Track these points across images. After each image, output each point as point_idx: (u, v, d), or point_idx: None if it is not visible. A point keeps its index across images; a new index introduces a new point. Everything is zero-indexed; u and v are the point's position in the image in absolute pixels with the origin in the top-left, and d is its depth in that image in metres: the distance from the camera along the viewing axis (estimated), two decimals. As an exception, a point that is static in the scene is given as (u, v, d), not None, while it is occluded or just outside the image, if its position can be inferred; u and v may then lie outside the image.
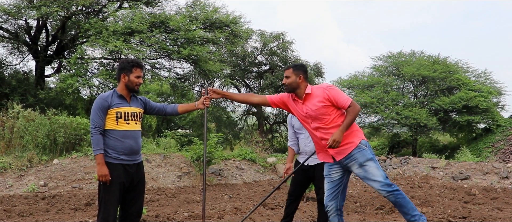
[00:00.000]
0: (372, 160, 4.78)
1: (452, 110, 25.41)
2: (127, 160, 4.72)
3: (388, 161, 16.57)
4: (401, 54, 29.37)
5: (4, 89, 18.23)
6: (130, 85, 4.78)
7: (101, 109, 4.65)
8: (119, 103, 4.73)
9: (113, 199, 4.64)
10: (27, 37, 20.17)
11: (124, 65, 4.82)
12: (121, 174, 4.67)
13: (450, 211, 8.10)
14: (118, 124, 4.70)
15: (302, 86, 4.95)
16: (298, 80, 4.94)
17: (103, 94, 4.79)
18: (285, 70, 5.05)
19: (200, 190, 11.59)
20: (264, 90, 24.05)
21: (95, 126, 4.62)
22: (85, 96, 19.22)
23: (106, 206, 4.63)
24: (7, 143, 13.24)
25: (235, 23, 20.86)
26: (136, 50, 17.20)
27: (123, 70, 4.79)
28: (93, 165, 12.31)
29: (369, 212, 8.53)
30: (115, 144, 4.67)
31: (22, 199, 9.58)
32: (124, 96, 4.80)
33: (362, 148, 4.79)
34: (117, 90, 4.81)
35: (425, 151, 23.90)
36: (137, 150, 4.82)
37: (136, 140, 4.79)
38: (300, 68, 5.00)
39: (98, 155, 4.59)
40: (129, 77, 4.76)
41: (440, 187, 11.94)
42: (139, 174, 4.87)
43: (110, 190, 4.62)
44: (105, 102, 4.66)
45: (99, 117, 4.63)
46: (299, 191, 6.00)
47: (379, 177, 4.70)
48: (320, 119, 4.83)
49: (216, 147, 13.04)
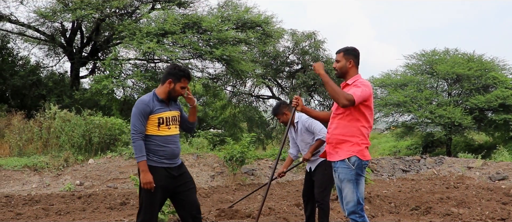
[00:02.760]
0: (351, 181, 4.57)
1: (488, 108, 24.99)
2: (169, 164, 4.67)
3: (422, 160, 16.38)
4: (435, 52, 29.00)
5: (41, 91, 18.60)
6: (173, 93, 4.69)
7: (143, 115, 4.57)
8: (160, 108, 4.65)
9: (153, 202, 4.59)
10: (63, 39, 20.56)
11: (174, 71, 4.70)
12: (163, 177, 4.61)
13: (488, 213, 7.94)
14: (160, 130, 4.65)
15: (351, 72, 4.75)
16: (348, 65, 4.73)
17: (143, 98, 4.68)
18: (336, 54, 4.84)
19: (233, 190, 11.62)
20: (296, 89, 23.96)
21: (137, 131, 4.55)
22: (119, 97, 19.46)
23: (146, 208, 4.60)
24: (44, 143, 13.51)
25: (267, 23, 20.84)
26: (169, 51, 17.34)
27: (172, 76, 4.69)
28: (128, 164, 12.46)
29: (404, 213, 8.43)
30: (156, 149, 4.61)
31: (59, 198, 9.75)
32: (164, 100, 4.70)
33: (347, 166, 4.59)
34: (157, 93, 4.71)
35: (460, 151, 23.57)
36: (178, 153, 4.76)
37: (177, 144, 4.74)
38: (351, 53, 4.77)
39: (141, 162, 4.52)
40: (175, 85, 4.67)
41: (476, 187, 11.72)
42: (182, 174, 4.80)
43: (151, 193, 4.56)
44: (147, 108, 4.58)
45: (140, 123, 4.56)
46: (309, 192, 6.30)
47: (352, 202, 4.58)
48: (338, 113, 4.71)
49: (249, 147, 13.06)
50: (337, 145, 4.66)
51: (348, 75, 4.75)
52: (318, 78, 23.45)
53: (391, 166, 15.80)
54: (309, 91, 24.94)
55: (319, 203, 6.02)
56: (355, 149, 4.56)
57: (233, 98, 25.98)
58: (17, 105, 17.49)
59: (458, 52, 28.66)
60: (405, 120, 28.55)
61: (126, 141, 13.97)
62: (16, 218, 7.67)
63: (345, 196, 4.59)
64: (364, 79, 4.74)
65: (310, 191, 6.29)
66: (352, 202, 4.55)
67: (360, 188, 4.58)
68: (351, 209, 4.56)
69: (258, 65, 22.92)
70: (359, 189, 4.57)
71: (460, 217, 7.67)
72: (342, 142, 4.62)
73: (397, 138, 30.91)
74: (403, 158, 16.91)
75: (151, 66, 20.47)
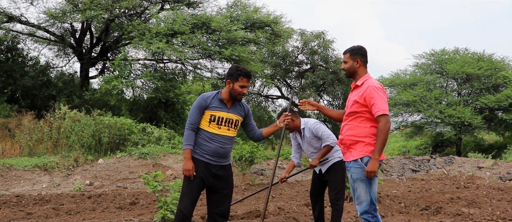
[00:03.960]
0: (364, 181, 4.54)
1: (498, 108, 24.86)
2: (210, 160, 4.82)
3: (432, 160, 16.32)
4: (444, 51, 28.87)
5: (51, 91, 18.69)
6: (233, 93, 4.83)
7: (199, 108, 4.81)
8: (217, 106, 4.83)
9: (190, 192, 4.80)
10: (72, 40, 20.62)
11: (232, 72, 4.85)
12: (202, 169, 4.79)
13: (499, 213, 7.90)
14: (210, 126, 4.82)
15: (360, 72, 4.73)
16: (356, 65, 4.71)
17: (205, 93, 4.91)
18: (343, 55, 4.83)
19: (243, 190, 11.62)
20: (305, 89, 23.93)
21: (190, 122, 4.80)
22: (128, 97, 19.50)
23: (183, 198, 4.83)
24: (54, 143, 13.58)
25: (276, 23, 20.80)
26: (179, 51, 17.37)
27: (230, 76, 4.85)
28: (137, 164, 12.51)
29: (414, 213, 8.39)
30: (201, 143, 4.81)
31: (69, 198, 9.79)
32: (225, 101, 4.88)
33: (360, 165, 4.56)
34: (221, 93, 4.90)
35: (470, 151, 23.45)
36: (223, 153, 4.87)
37: (223, 145, 4.85)
38: (357, 52, 4.74)
39: (186, 150, 4.77)
40: (233, 84, 4.80)
41: (487, 187, 11.66)
42: (224, 176, 4.93)
43: (189, 183, 4.79)
44: (204, 102, 4.81)
45: (195, 115, 4.80)
46: (317, 193, 6.35)
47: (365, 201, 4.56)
48: (350, 113, 4.68)
49: (258, 147, 13.06)
50: (351, 146, 4.64)
51: (357, 75, 4.72)
52: (327, 78, 23.42)
53: (400, 166, 15.76)
54: (318, 91, 24.90)
55: (333, 204, 6.03)
56: (368, 149, 4.54)
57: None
58: (27, 105, 17.56)
59: (468, 52, 28.52)
60: (414, 120, 28.44)
61: (136, 141, 14.01)
62: (26, 218, 7.71)
63: (358, 196, 4.58)
64: (373, 79, 4.72)
65: (319, 191, 6.32)
66: (365, 201, 4.54)
67: (373, 188, 4.56)
68: (364, 209, 4.54)
69: (267, 65, 22.90)
70: (372, 189, 4.55)
71: (470, 217, 7.63)
72: (355, 143, 4.61)
73: (407, 138, 30.81)
74: (412, 158, 16.85)
75: (161, 66, 20.49)
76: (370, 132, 4.56)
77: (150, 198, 9.56)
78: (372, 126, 4.56)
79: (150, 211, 8.22)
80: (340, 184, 6.05)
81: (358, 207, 4.60)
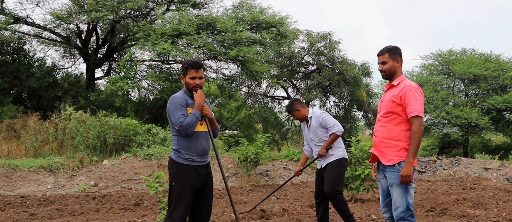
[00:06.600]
0: (401, 187, 4.45)
1: (506, 109, 24.74)
2: (199, 161, 4.69)
3: (438, 161, 16.23)
4: (451, 52, 28.78)
5: (57, 92, 18.72)
6: (188, 86, 4.72)
7: (182, 106, 4.60)
8: (192, 102, 4.70)
9: (183, 201, 4.58)
10: (78, 41, 20.67)
11: (182, 67, 4.81)
12: (193, 176, 4.64)
13: (505, 214, 7.83)
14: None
15: (398, 72, 4.63)
16: (396, 64, 4.61)
17: (175, 95, 4.75)
18: (380, 56, 4.66)
19: (248, 190, 11.61)
20: (311, 90, 23.87)
21: (182, 114, 4.55)
22: (134, 98, 19.54)
23: (176, 207, 4.58)
24: (59, 144, 13.60)
25: (282, 23, 20.77)
26: (184, 52, 17.36)
27: (182, 72, 4.79)
28: (142, 165, 12.51)
29: (419, 214, 8.33)
30: (190, 144, 4.63)
31: (74, 199, 9.80)
32: (190, 95, 4.75)
33: (397, 170, 4.46)
34: (184, 91, 4.79)
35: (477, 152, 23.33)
36: (207, 150, 4.78)
37: (207, 141, 4.76)
38: (396, 51, 4.63)
39: (195, 112, 4.58)
40: (185, 78, 4.72)
41: (493, 189, 11.58)
42: (208, 174, 4.82)
43: (181, 192, 4.59)
44: (183, 100, 4.63)
45: (183, 111, 4.57)
46: (321, 193, 6.33)
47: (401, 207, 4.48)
48: (385, 114, 4.60)
49: (264, 148, 13.02)
50: (386, 148, 4.56)
51: (396, 75, 4.64)
52: (333, 79, 23.36)
53: (406, 167, 15.66)
54: (324, 92, 24.84)
55: (331, 198, 6.08)
56: (404, 154, 4.45)
57: (248, 99, 25.94)
58: (33, 106, 17.62)
59: (475, 52, 28.45)
60: (421, 121, 28.34)
61: (141, 142, 14.01)
62: (30, 219, 7.72)
63: (394, 202, 4.50)
64: (409, 80, 4.65)
65: (323, 193, 6.30)
66: (401, 207, 4.45)
67: (409, 194, 4.47)
68: (400, 215, 4.46)
69: (273, 66, 22.85)
70: (409, 194, 4.46)
71: (476, 219, 7.56)
72: (389, 146, 4.53)
73: (414, 139, 30.66)
74: (419, 159, 16.77)
75: (166, 67, 20.51)
76: (404, 135, 4.49)
77: (154, 199, 9.56)
78: (408, 129, 4.48)
79: (154, 212, 8.22)
80: (336, 179, 6.09)
81: (394, 213, 4.52)
